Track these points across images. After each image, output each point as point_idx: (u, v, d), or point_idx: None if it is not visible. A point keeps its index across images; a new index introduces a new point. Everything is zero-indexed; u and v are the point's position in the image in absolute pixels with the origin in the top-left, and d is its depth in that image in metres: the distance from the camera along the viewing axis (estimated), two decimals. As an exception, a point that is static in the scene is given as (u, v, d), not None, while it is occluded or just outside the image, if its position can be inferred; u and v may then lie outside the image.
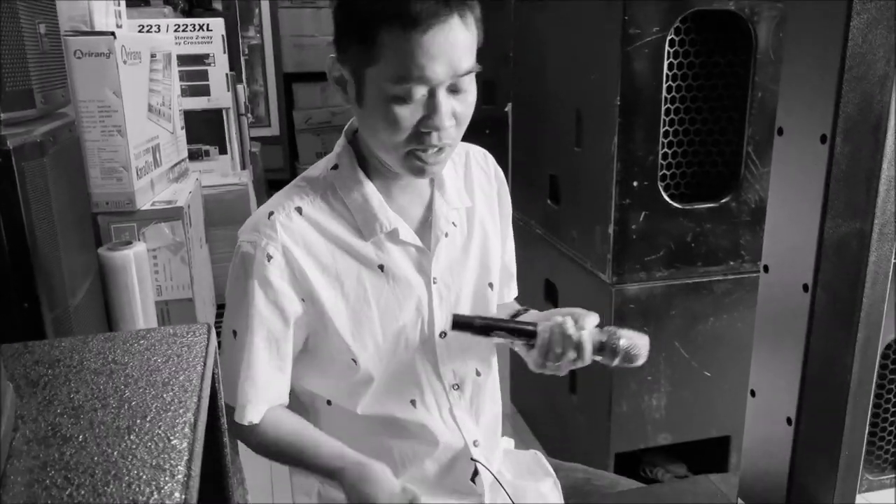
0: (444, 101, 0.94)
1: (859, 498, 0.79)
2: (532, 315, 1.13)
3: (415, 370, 1.10)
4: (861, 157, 0.71)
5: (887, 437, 2.03)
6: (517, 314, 1.17)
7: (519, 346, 1.09)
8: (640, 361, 1.02)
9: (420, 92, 0.93)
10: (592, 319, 1.04)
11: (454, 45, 0.92)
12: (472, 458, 1.12)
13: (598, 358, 1.02)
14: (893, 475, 2.04)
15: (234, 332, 1.06)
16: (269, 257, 1.00)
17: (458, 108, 0.97)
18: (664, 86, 1.61)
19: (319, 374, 1.10)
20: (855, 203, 0.72)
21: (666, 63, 1.60)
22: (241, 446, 1.79)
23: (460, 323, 1.03)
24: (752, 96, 1.64)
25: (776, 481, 0.81)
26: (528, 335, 1.03)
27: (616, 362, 1.02)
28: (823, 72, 0.70)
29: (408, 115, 0.94)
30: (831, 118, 0.70)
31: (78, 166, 1.79)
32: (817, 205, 0.72)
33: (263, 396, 1.05)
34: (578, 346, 1.01)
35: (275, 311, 1.02)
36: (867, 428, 1.93)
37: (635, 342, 1.01)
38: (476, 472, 1.15)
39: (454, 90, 0.95)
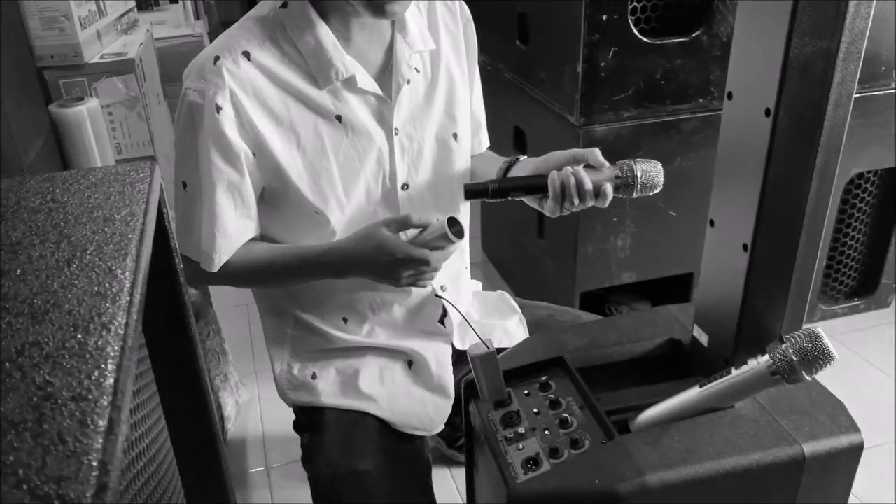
0: None
1: (808, 324, 0.82)
2: (530, 163, 1.09)
3: None
4: (833, -31, 0.67)
5: (844, 270, 2.11)
6: (510, 166, 1.13)
7: (530, 199, 1.05)
8: (659, 189, 1.01)
9: None
10: (597, 156, 1.01)
11: None
12: (436, 295, 1.14)
13: (617, 194, 1.01)
14: (846, 305, 2.14)
15: (184, 184, 1.03)
16: (219, 108, 0.95)
17: None
18: None
19: (283, 227, 1.09)
20: (823, 19, 0.69)
21: None
22: (215, 297, 1.82)
23: (472, 191, 1.00)
24: (729, -81, 1.55)
25: (730, 307, 0.83)
26: (541, 189, 1.00)
27: (635, 195, 1.01)
28: None
29: None
30: (804, -73, 0.65)
31: (13, 16, 1.68)
32: (784, 23, 0.69)
33: (236, 244, 1.04)
34: (598, 192, 0.98)
35: (230, 162, 0.99)
36: (824, 258, 1.99)
37: (649, 171, 0.99)
38: (445, 314, 1.18)
39: None
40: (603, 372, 0.94)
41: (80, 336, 0.36)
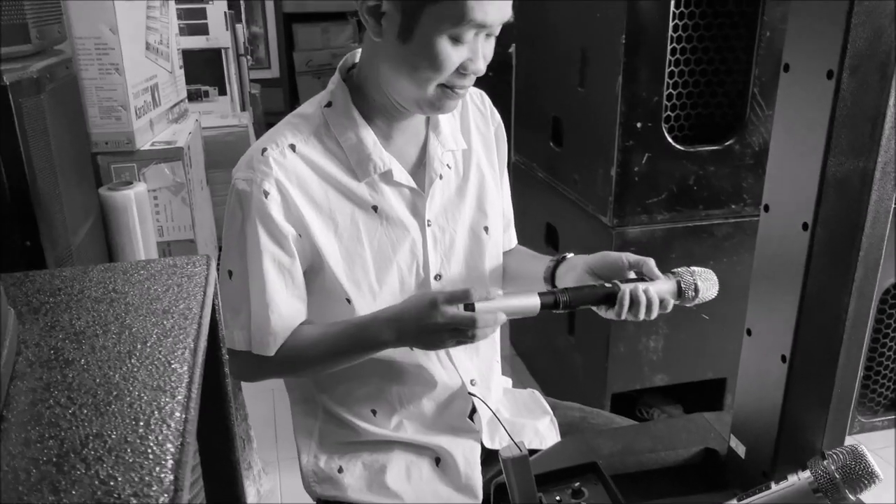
0: (483, 44, 0.97)
1: (850, 439, 0.80)
2: (580, 263, 1.10)
3: None
4: (867, 93, 0.70)
5: (882, 381, 2.06)
6: (557, 264, 1.14)
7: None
8: (713, 296, 1.03)
9: (472, 34, 0.95)
10: (652, 268, 1.03)
11: None
12: (469, 393, 1.14)
13: (676, 302, 1.02)
14: (885, 417, 2.08)
15: (230, 273, 1.06)
16: (266, 193, 1.00)
17: (488, 53, 0.99)
18: (670, 24, 1.57)
19: (317, 312, 1.11)
20: (859, 140, 0.71)
21: (673, 0, 1.56)
22: (244, 384, 1.82)
23: (544, 305, 0.98)
24: (760, 36, 1.61)
25: (768, 418, 0.82)
26: (610, 301, 1.00)
27: (692, 304, 1.03)
28: (833, 5, 0.69)
29: (455, 55, 0.95)
30: (839, 53, 0.68)
31: (76, 105, 1.78)
32: (821, 142, 0.71)
33: (290, 325, 1.05)
34: (663, 304, 1.01)
35: (279, 244, 1.02)
36: (861, 368, 1.96)
37: (709, 287, 1.01)
38: (474, 410, 1.17)
39: (490, 34, 0.98)
40: (637, 479, 0.92)
41: (141, 430, 0.37)
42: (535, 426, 1.23)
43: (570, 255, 1.14)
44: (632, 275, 1.04)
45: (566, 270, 1.11)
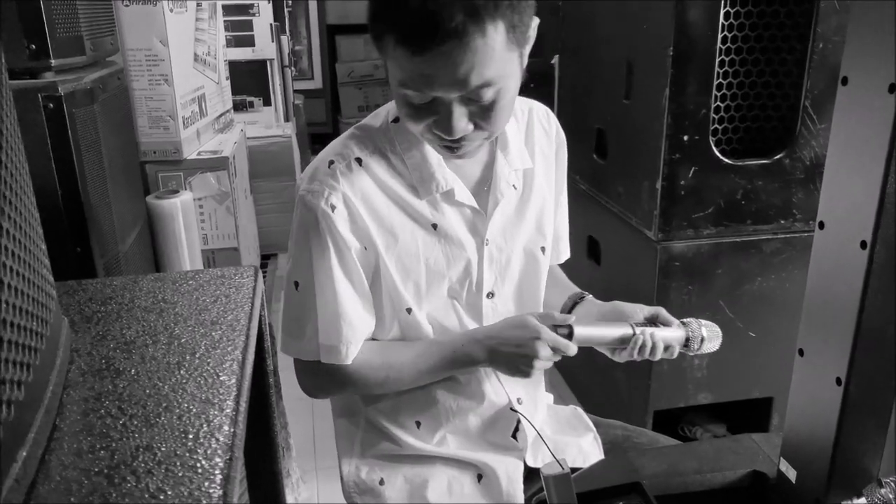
0: (457, 109, 0.89)
1: (906, 463, 0.77)
2: (592, 311, 1.14)
3: (461, 328, 1.10)
4: (931, 108, 0.67)
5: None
6: (575, 303, 1.17)
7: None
8: (714, 349, 1.11)
9: (426, 98, 0.89)
10: (667, 317, 1.09)
11: (457, 65, 0.83)
12: (511, 409, 1.13)
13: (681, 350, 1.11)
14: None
15: (297, 284, 1.06)
16: (334, 207, 1.00)
17: (478, 114, 0.90)
18: (719, 36, 1.55)
19: (376, 328, 1.11)
20: (922, 156, 0.68)
21: (722, 11, 1.54)
22: (284, 391, 1.83)
23: None
24: (813, 48, 1.57)
25: (821, 442, 0.79)
26: (624, 342, 1.08)
27: (693, 354, 1.11)
28: (894, 16, 0.66)
29: (416, 115, 0.92)
30: (901, 66, 0.66)
31: (126, 115, 1.82)
32: (881, 158, 0.69)
33: (361, 335, 1.06)
34: (668, 351, 1.07)
35: (347, 258, 1.02)
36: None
37: (714, 341, 1.09)
38: (517, 428, 1.16)
39: (471, 99, 0.88)
40: (681, 501, 0.90)
41: (190, 443, 0.37)
42: (579, 444, 1.21)
43: (588, 298, 1.18)
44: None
45: (581, 315, 1.13)
